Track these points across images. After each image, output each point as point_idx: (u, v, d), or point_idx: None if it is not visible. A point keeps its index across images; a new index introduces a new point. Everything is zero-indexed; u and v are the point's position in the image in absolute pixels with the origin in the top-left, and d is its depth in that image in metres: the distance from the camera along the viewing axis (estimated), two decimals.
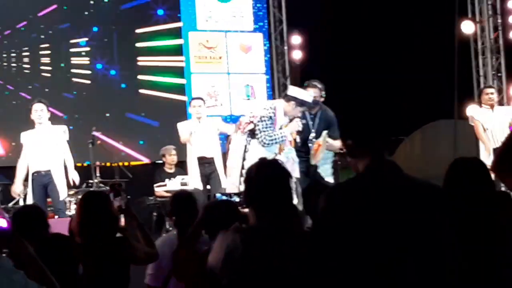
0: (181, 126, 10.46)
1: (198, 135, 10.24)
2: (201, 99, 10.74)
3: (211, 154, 10.27)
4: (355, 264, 3.16)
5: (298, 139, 9.05)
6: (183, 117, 11.66)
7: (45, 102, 9.81)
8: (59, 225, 5.99)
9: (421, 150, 16.01)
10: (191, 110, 10.60)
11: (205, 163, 10.24)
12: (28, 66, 13.14)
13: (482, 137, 10.71)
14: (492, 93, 10.81)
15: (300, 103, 8.83)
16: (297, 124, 8.90)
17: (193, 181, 10.24)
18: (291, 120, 9.00)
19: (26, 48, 13.16)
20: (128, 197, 9.07)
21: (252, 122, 8.90)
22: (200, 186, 10.12)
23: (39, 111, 9.69)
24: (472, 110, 11.13)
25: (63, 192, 9.68)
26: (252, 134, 8.87)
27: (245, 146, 8.88)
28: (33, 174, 9.66)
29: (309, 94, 9.03)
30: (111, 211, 4.75)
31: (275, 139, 8.77)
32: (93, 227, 4.60)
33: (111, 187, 5.27)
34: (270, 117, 8.80)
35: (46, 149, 9.66)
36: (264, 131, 8.75)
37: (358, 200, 3.22)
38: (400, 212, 3.18)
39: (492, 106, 10.72)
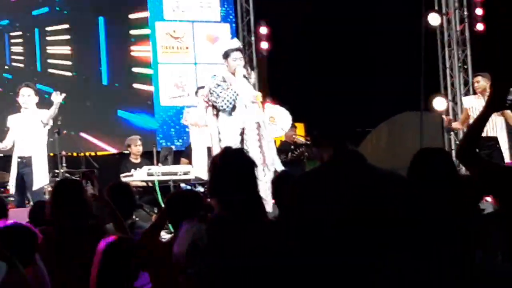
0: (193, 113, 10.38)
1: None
2: None
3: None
4: (319, 253, 3.17)
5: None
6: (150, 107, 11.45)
7: (33, 87, 9.70)
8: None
9: (387, 142, 16.08)
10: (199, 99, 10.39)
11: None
12: None
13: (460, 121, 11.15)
14: (477, 81, 10.75)
15: (226, 53, 8.78)
16: (240, 70, 8.79)
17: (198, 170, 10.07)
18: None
19: None
20: None
21: (208, 100, 8.85)
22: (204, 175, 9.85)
23: (26, 96, 9.55)
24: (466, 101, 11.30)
25: (39, 181, 9.45)
26: (215, 109, 8.80)
27: (217, 127, 8.77)
28: (17, 158, 9.57)
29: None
30: (85, 198, 4.76)
31: (228, 98, 8.62)
32: (67, 214, 4.60)
33: (83, 175, 5.29)
34: (218, 85, 8.68)
35: (29, 134, 9.52)
36: (217, 99, 8.66)
37: (322, 189, 3.24)
38: (362, 201, 3.20)
39: (481, 94, 10.63)
